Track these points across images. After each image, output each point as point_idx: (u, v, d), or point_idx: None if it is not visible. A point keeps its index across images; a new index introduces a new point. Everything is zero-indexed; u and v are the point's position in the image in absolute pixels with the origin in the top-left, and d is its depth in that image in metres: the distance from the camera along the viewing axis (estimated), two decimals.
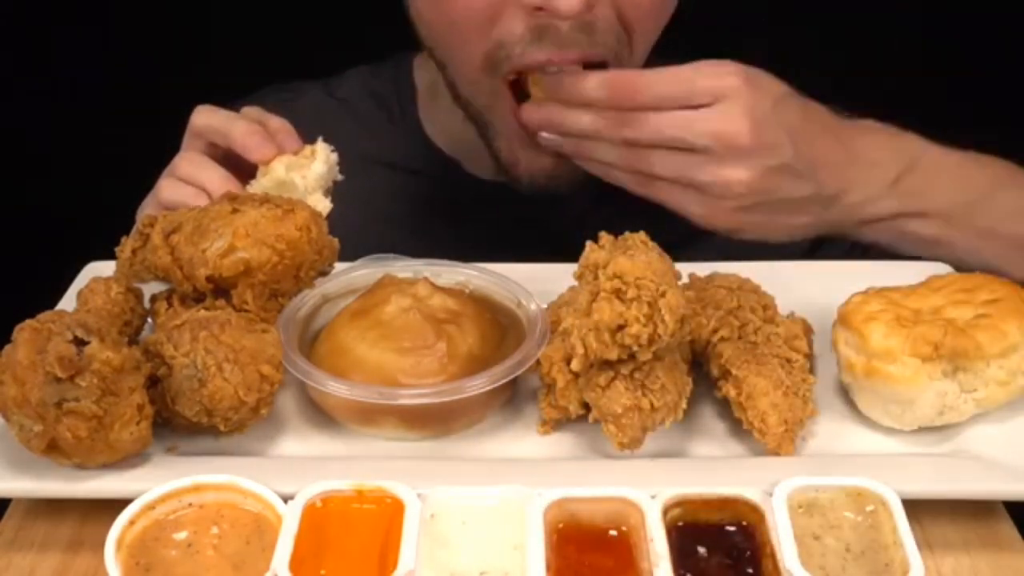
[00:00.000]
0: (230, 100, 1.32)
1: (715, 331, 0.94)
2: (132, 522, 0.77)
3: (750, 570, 0.75)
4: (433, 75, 1.24)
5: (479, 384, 0.88)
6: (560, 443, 0.91)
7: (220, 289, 0.95)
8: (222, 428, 0.87)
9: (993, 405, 0.89)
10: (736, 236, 1.06)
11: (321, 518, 0.78)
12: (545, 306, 0.98)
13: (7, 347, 0.82)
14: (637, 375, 0.85)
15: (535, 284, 0.99)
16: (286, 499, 0.78)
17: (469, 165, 1.32)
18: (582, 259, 0.88)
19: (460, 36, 1.11)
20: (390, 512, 0.78)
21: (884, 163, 1.06)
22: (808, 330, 0.97)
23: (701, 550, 0.77)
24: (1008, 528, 0.84)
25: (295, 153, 1.06)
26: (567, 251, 0.91)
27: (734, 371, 0.89)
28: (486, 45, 1.09)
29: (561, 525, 0.78)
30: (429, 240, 1.10)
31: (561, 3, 1.02)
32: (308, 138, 1.09)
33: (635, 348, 0.83)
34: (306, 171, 1.06)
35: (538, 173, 1.16)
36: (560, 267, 1.00)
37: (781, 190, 1.02)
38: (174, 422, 0.88)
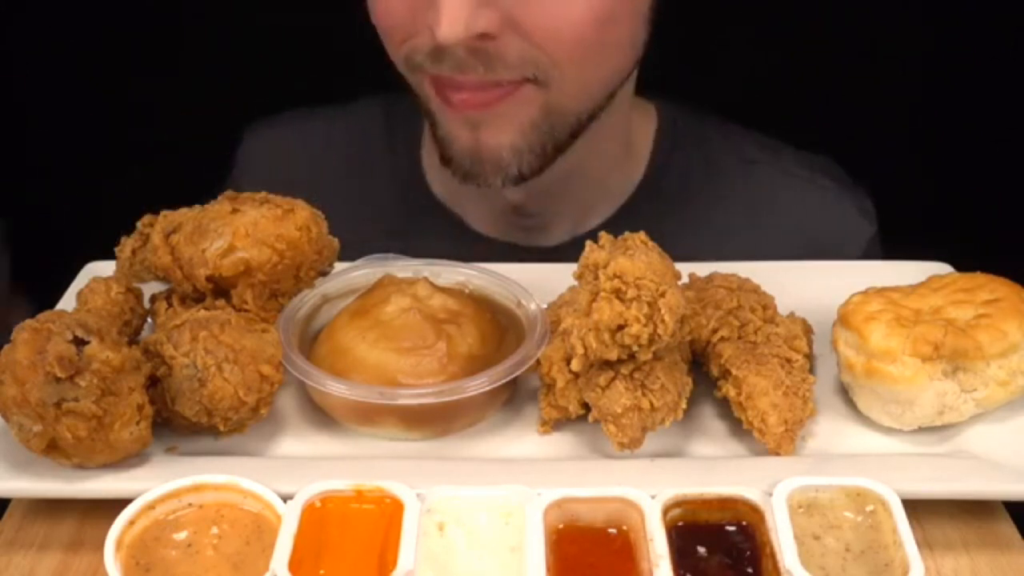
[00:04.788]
0: (247, 118, 1.33)
1: (715, 331, 0.94)
2: (132, 522, 0.77)
3: (750, 570, 0.75)
4: None
5: (479, 384, 0.88)
6: (560, 443, 0.91)
7: (220, 289, 0.95)
8: (222, 428, 0.87)
9: (993, 405, 0.89)
10: None
11: (320, 518, 0.78)
12: (545, 306, 0.98)
13: (7, 347, 0.82)
14: (637, 375, 0.85)
15: (535, 284, 0.99)
16: (286, 499, 0.78)
17: (463, 216, 1.31)
18: (582, 259, 0.88)
19: (388, 44, 1.13)
20: (389, 512, 0.78)
21: None
22: (808, 330, 0.97)
23: (701, 550, 0.77)
24: (1008, 528, 0.84)
25: None
26: None
27: (734, 371, 0.89)
28: (404, 52, 1.11)
29: (561, 525, 0.78)
30: None
31: (439, 32, 1.01)
32: (317, 167, 1.09)
33: (635, 348, 0.83)
34: None
35: (464, 152, 1.14)
36: (560, 267, 1.00)
37: None
38: (174, 422, 0.88)
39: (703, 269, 1.01)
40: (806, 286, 1.01)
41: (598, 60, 1.10)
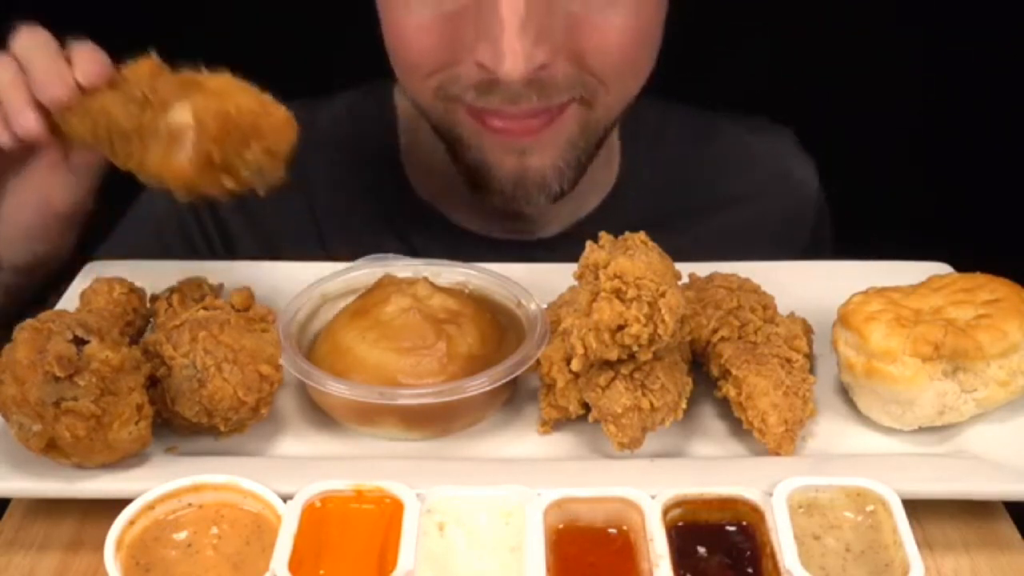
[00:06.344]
0: None
1: (715, 331, 0.94)
2: (132, 522, 0.77)
3: (750, 570, 0.75)
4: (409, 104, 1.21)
5: (479, 384, 0.88)
6: (560, 443, 0.91)
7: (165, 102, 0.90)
8: (222, 428, 0.87)
9: (993, 405, 0.89)
10: None
11: (320, 518, 0.78)
12: (545, 306, 0.98)
13: (7, 346, 0.82)
14: (637, 375, 0.85)
15: (535, 284, 0.99)
16: (286, 499, 0.78)
17: (448, 213, 1.29)
18: (582, 259, 0.88)
19: (411, 74, 1.10)
20: (389, 512, 0.78)
21: None
22: (808, 330, 0.97)
23: (701, 550, 0.77)
24: (1008, 528, 0.84)
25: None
26: None
27: (734, 371, 0.89)
28: (435, 83, 1.08)
29: (561, 525, 0.78)
30: None
31: (502, 69, 1.00)
32: (311, 162, 1.08)
33: (635, 348, 0.83)
34: None
35: (507, 177, 1.13)
36: (560, 267, 1.00)
37: None
38: (174, 422, 0.88)
39: (703, 269, 1.01)
40: (806, 286, 1.01)
41: (637, 72, 1.11)
